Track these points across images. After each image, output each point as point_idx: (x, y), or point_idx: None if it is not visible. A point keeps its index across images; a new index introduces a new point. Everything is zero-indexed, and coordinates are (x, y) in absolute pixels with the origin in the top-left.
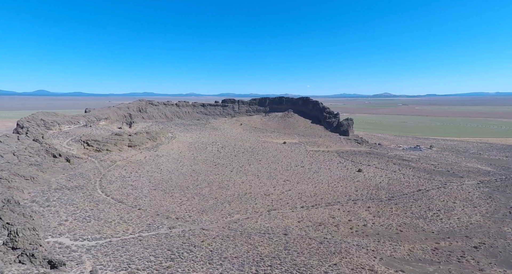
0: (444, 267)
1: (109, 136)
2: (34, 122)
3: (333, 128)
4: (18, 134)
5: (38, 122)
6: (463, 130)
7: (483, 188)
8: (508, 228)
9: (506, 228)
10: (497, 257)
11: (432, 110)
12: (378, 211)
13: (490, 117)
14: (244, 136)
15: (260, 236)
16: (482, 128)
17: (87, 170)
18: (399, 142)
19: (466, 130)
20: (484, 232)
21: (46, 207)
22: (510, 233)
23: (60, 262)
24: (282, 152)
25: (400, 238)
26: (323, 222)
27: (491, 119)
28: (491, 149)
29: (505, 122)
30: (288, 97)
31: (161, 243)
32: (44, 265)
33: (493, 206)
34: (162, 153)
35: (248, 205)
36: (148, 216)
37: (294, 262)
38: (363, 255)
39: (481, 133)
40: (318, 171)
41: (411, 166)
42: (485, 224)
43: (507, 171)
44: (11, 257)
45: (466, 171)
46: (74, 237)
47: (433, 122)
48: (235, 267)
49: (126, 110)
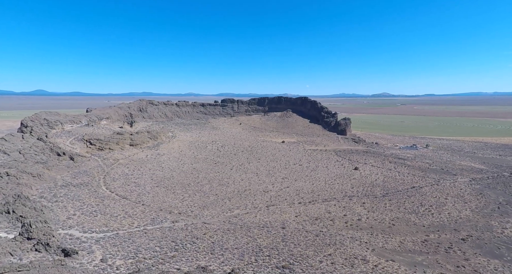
0: (432, 257)
1: (111, 135)
2: (38, 121)
3: (331, 128)
4: (22, 134)
5: (42, 122)
6: (459, 130)
7: (474, 185)
8: (495, 222)
9: (493, 222)
10: (482, 248)
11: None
12: (372, 207)
13: (487, 117)
14: (244, 135)
15: (259, 229)
16: (478, 127)
17: (90, 168)
18: (396, 141)
19: (463, 130)
20: (472, 225)
21: (54, 202)
22: (497, 226)
23: (73, 251)
24: (280, 151)
25: (392, 231)
26: (320, 217)
27: (488, 119)
28: (485, 148)
29: (501, 122)
30: (286, 97)
31: (165, 236)
32: (58, 253)
33: (483, 201)
34: (163, 151)
35: (247, 201)
36: (152, 211)
37: (291, 252)
38: (357, 247)
39: (477, 133)
40: (315, 169)
41: (407, 164)
42: (474, 218)
43: (499, 169)
44: (28, 246)
45: (460, 169)
46: (83, 230)
47: (430, 122)
48: (236, 257)
49: (127, 110)
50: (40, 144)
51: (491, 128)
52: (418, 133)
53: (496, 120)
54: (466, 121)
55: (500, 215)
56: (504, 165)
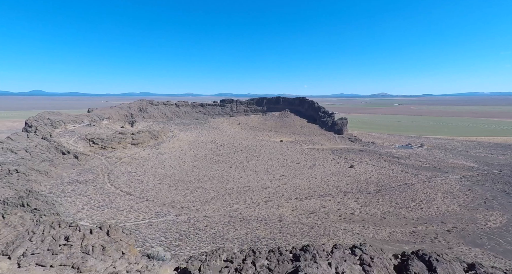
0: (418, 246)
1: (113, 135)
2: (42, 121)
3: (328, 127)
4: (27, 133)
5: (45, 121)
6: (454, 130)
7: (464, 181)
8: (480, 215)
9: (478, 215)
10: (465, 238)
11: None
12: (365, 202)
13: (482, 116)
14: (242, 135)
15: (257, 222)
16: (473, 127)
17: (95, 166)
18: (392, 140)
19: (457, 130)
20: (458, 218)
21: (63, 197)
22: (481, 219)
23: None
24: (278, 150)
25: (383, 224)
26: (315, 211)
27: (483, 118)
28: (478, 147)
29: (496, 122)
30: (284, 97)
31: (170, 227)
32: None
33: (471, 197)
34: (164, 150)
35: (246, 196)
36: (156, 205)
37: (288, 242)
38: (349, 237)
39: (471, 132)
40: (312, 167)
41: (401, 162)
42: (460, 212)
43: (490, 167)
44: None
45: (452, 167)
46: (93, 222)
47: (426, 122)
48: (236, 246)
49: (127, 110)
50: (45, 142)
51: (485, 128)
52: (414, 133)
53: (490, 120)
54: (462, 121)
55: (485, 209)
56: (495, 163)
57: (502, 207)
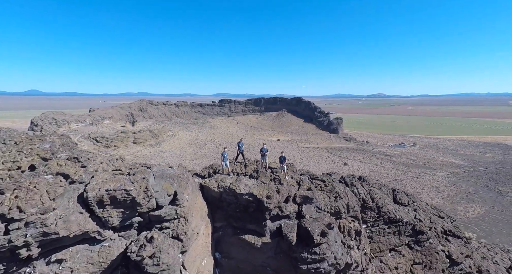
0: None
1: (116, 133)
2: (47, 120)
3: (324, 127)
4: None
5: (50, 121)
6: (447, 129)
7: (451, 178)
8: (460, 207)
9: (459, 207)
10: None
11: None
12: None
13: (476, 117)
14: (241, 134)
15: None
16: (465, 127)
17: None
18: (386, 140)
19: (450, 129)
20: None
21: None
22: (461, 210)
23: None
24: (275, 148)
25: None
26: None
27: (476, 118)
28: (468, 146)
29: (488, 122)
30: (282, 98)
31: None
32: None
33: (455, 191)
34: (165, 148)
35: None
36: None
37: None
38: None
39: (463, 132)
40: (307, 165)
41: (392, 160)
42: (443, 204)
43: (477, 164)
44: None
45: (440, 165)
46: None
47: (421, 122)
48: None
49: (128, 110)
50: None
51: (477, 128)
52: (408, 132)
53: (483, 120)
54: (455, 121)
55: (466, 202)
56: (482, 161)
57: (482, 200)
